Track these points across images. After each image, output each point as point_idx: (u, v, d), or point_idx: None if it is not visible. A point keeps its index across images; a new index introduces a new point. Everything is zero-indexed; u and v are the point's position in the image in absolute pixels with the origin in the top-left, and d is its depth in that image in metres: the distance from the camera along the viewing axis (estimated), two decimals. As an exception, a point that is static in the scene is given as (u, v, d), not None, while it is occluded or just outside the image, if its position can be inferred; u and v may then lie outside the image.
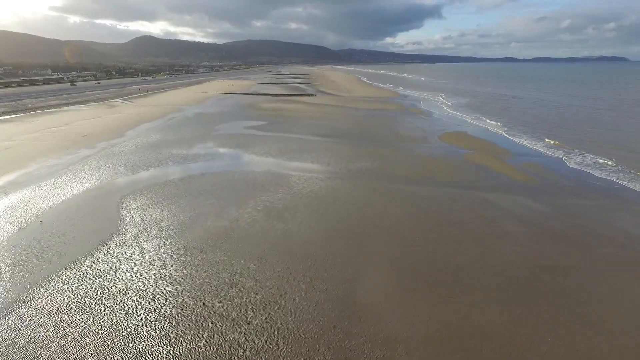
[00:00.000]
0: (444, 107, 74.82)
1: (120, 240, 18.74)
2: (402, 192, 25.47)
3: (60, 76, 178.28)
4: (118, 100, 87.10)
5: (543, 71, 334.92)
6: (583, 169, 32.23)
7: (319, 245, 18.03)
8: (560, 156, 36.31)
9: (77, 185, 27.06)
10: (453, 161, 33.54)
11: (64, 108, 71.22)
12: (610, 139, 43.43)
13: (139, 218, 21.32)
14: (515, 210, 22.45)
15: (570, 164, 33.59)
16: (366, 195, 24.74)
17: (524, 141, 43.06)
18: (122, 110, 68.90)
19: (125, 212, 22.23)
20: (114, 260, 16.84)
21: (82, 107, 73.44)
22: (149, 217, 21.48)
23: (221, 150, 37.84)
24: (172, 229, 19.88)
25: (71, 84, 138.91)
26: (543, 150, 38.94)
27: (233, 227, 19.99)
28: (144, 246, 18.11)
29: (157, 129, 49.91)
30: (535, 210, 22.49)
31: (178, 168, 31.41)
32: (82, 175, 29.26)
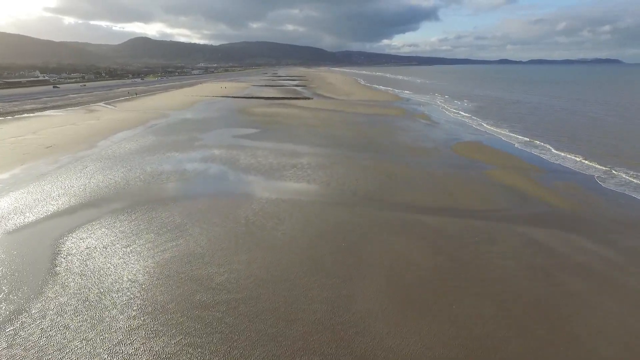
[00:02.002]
0: (448, 112, 69.98)
1: (36, 313, 13.34)
2: (422, 227, 20.26)
3: (46, 78, 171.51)
4: (100, 104, 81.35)
5: (540, 73, 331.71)
6: (628, 192, 27.19)
7: (317, 327, 12.74)
8: (593, 174, 31.34)
9: (14, 217, 21.57)
10: (476, 180, 28.44)
11: (38, 113, 65.40)
12: (634, 153, 38.40)
13: (77, 272, 15.92)
14: (573, 255, 17.32)
15: (609, 185, 28.54)
16: (378, 234, 19.49)
17: (544, 154, 37.95)
18: (102, 115, 63.25)
19: (61, 260, 16.82)
20: (12, 354, 11.44)
21: (58, 112, 67.66)
22: (90, 269, 16.09)
23: (202, 166, 32.44)
24: (118, 292, 14.51)
25: (54, 87, 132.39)
26: (571, 166, 33.85)
27: (199, 289, 14.65)
28: (70, 324, 12.73)
29: (134, 138, 44.43)
30: (598, 255, 17.37)
31: (145, 191, 26.00)
32: (27, 202, 23.76)
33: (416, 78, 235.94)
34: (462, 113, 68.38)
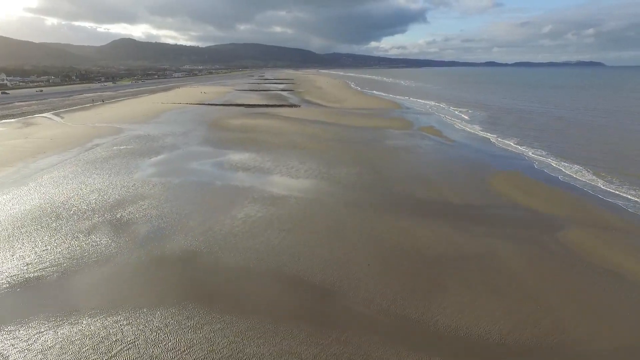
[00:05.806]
0: (457, 125, 59.34)
1: None
2: None
3: (6, 82, 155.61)
4: (47, 114, 68.45)
5: (529, 76, 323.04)
6: None
7: None
8: None
9: None
10: (563, 263, 17.52)
11: (-45, 129, 52.47)
12: None
13: None
14: None
15: None
16: None
17: (620, 198, 26.87)
18: (37, 131, 50.74)
19: None
20: None
21: (-17, 126, 54.79)
22: None
23: (116, 232, 20.77)
24: None
25: (2, 92, 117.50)
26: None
27: None
28: None
29: (56, 169, 32.45)
30: None
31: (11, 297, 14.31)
32: None
33: (408, 81, 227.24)
34: (474, 126, 57.91)
